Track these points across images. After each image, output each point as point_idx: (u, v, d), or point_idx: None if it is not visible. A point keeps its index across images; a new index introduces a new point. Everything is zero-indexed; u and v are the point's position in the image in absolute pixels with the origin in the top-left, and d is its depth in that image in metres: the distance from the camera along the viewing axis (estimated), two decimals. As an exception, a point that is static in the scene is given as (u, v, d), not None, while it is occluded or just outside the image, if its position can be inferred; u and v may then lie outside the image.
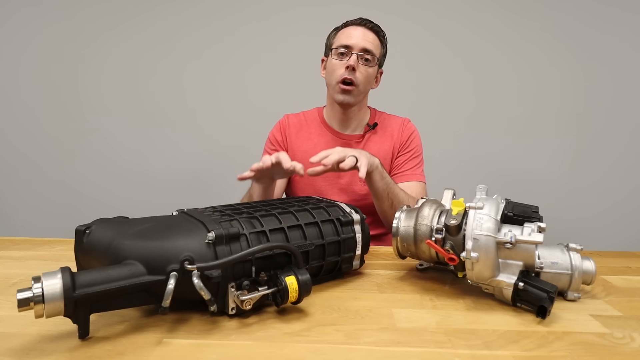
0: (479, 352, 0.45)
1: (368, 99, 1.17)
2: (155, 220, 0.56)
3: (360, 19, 1.07)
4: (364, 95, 1.10)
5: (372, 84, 1.10)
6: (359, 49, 1.03)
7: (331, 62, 1.07)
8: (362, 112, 1.14)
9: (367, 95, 1.14)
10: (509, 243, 0.54)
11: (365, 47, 1.03)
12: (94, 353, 0.44)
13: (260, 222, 0.57)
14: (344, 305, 0.57)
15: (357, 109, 1.11)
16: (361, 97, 1.09)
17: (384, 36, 1.09)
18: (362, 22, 1.07)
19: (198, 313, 0.53)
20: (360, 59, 1.03)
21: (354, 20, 1.08)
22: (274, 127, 1.20)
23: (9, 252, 0.80)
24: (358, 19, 1.08)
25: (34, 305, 0.41)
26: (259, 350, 0.45)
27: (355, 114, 1.12)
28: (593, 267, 0.59)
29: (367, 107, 1.18)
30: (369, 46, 1.03)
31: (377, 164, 0.92)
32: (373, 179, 0.92)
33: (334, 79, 1.06)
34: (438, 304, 0.58)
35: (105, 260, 0.49)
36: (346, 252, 0.64)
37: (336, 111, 1.12)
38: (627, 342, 0.48)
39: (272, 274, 0.53)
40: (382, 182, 0.94)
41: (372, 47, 1.04)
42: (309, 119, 1.18)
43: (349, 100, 1.05)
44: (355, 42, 1.03)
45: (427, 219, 0.62)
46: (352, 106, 1.08)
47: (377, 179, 0.93)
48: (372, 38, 1.05)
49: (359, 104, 1.10)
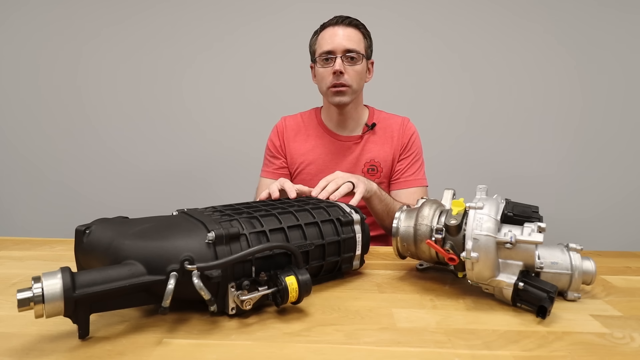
0: (479, 352, 0.45)
1: (367, 98, 1.16)
2: (155, 220, 0.56)
3: (336, 18, 1.05)
4: (358, 93, 1.09)
5: (364, 79, 1.09)
6: (341, 51, 1.01)
7: (318, 70, 1.07)
8: (359, 110, 1.13)
9: (362, 91, 1.12)
10: (509, 243, 0.54)
11: (347, 48, 1.01)
12: (94, 353, 0.44)
13: (260, 222, 0.57)
14: (344, 305, 0.57)
15: (353, 107, 1.10)
16: (356, 95, 1.08)
17: (364, 28, 1.07)
18: (338, 21, 1.04)
19: (198, 313, 0.53)
20: (346, 60, 1.02)
21: (330, 21, 1.06)
22: (271, 132, 1.19)
23: (9, 252, 0.80)
24: (334, 18, 1.05)
25: (34, 305, 0.41)
26: (259, 350, 0.45)
27: (351, 114, 1.11)
28: (593, 267, 0.59)
29: (365, 106, 1.16)
30: (350, 45, 1.02)
31: (374, 189, 0.92)
32: (372, 203, 0.94)
33: (324, 85, 1.06)
34: (438, 304, 0.58)
35: (105, 260, 0.49)
36: (346, 252, 0.64)
37: (332, 112, 1.12)
38: (627, 342, 0.48)
39: (272, 274, 0.53)
40: (381, 205, 0.96)
41: (354, 45, 1.02)
42: (306, 120, 1.17)
43: (345, 100, 1.05)
44: (336, 45, 1.02)
45: (427, 219, 0.62)
46: (348, 105, 1.07)
47: (376, 202, 0.94)
48: (352, 35, 1.03)
49: (354, 102, 1.10)
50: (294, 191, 0.79)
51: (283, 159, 1.16)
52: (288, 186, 0.80)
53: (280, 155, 1.16)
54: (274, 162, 1.16)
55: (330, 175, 0.86)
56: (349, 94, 1.04)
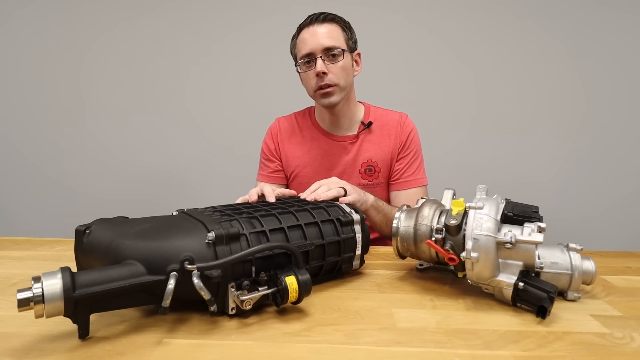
0: (479, 352, 0.45)
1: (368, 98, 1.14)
2: (155, 220, 0.56)
3: (310, 18, 1.01)
4: (348, 89, 1.05)
5: (351, 73, 1.04)
6: (320, 50, 0.97)
7: (302, 75, 1.04)
8: (352, 108, 1.09)
9: (353, 87, 1.08)
10: (509, 243, 0.54)
11: (326, 46, 0.97)
12: (94, 353, 0.44)
13: (260, 222, 0.57)
14: (344, 305, 0.57)
15: (345, 105, 1.06)
16: (346, 92, 1.03)
17: (341, 20, 1.03)
18: (312, 20, 1.00)
19: (198, 313, 0.53)
20: (327, 59, 0.98)
21: (304, 21, 1.02)
22: (265, 135, 1.17)
23: (9, 252, 0.80)
24: (307, 18, 1.02)
25: (34, 305, 0.41)
26: (259, 350, 0.45)
27: (344, 112, 1.07)
28: (593, 267, 0.59)
29: (359, 103, 1.13)
30: (328, 43, 0.97)
31: (370, 202, 0.91)
32: (369, 215, 0.92)
33: (310, 89, 1.03)
34: (438, 304, 0.58)
35: (105, 260, 0.49)
36: (346, 252, 0.64)
37: (324, 113, 1.08)
38: (627, 342, 0.48)
39: (272, 274, 0.53)
40: (380, 216, 0.94)
41: (332, 42, 0.98)
42: (300, 121, 1.14)
43: (334, 100, 1.01)
44: (313, 45, 0.98)
45: (427, 219, 0.62)
46: (339, 103, 1.03)
47: (374, 215, 0.93)
48: (328, 31, 0.99)
49: (346, 100, 1.05)
50: (273, 196, 0.76)
51: (278, 162, 1.14)
52: (267, 190, 0.77)
53: (275, 158, 1.14)
54: (269, 165, 1.14)
55: (325, 180, 0.85)
56: (336, 93, 1.00)
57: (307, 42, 0.99)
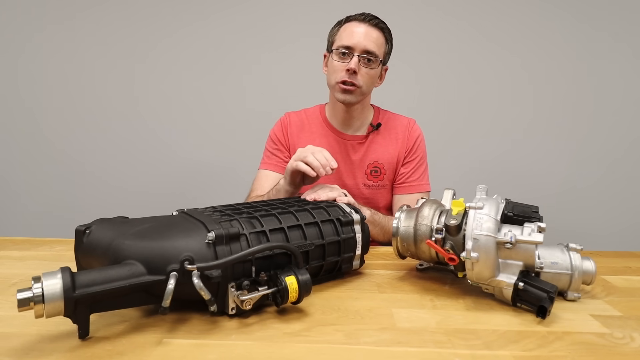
0: (479, 352, 0.45)
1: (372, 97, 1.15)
2: (155, 220, 0.56)
3: (364, 15, 1.00)
4: (366, 95, 1.06)
5: (375, 83, 1.05)
6: (361, 50, 0.97)
7: (332, 62, 1.02)
8: (365, 111, 1.11)
9: (370, 94, 1.10)
10: (509, 243, 0.54)
11: (367, 49, 0.97)
12: (94, 353, 0.44)
13: (260, 222, 0.57)
14: (344, 305, 0.57)
15: (359, 107, 1.08)
16: (364, 97, 1.05)
17: (389, 33, 1.03)
18: (365, 18, 1.00)
19: (198, 313, 0.53)
20: (362, 61, 0.98)
21: (357, 15, 1.01)
22: (275, 125, 1.17)
23: (9, 252, 0.80)
24: (361, 14, 1.01)
25: (34, 305, 0.41)
26: (259, 350, 0.45)
27: (358, 113, 1.09)
28: (593, 267, 0.59)
29: (371, 106, 1.14)
30: (371, 47, 0.98)
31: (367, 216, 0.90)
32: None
33: (334, 79, 1.02)
34: (438, 304, 0.58)
35: (105, 260, 0.49)
36: (346, 252, 0.64)
37: (338, 110, 1.08)
38: (627, 342, 0.48)
39: (272, 274, 0.53)
40: (377, 229, 0.95)
41: (374, 48, 0.98)
42: (310, 117, 1.15)
43: (351, 99, 1.02)
44: (357, 42, 0.97)
45: (427, 219, 0.62)
46: (354, 105, 1.05)
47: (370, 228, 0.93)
48: (375, 37, 0.99)
49: (361, 103, 1.07)
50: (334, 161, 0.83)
51: (287, 152, 1.13)
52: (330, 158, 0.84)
53: (284, 148, 1.13)
54: (276, 153, 1.13)
55: (329, 185, 0.85)
56: (357, 94, 1.01)
57: (353, 35, 0.99)
